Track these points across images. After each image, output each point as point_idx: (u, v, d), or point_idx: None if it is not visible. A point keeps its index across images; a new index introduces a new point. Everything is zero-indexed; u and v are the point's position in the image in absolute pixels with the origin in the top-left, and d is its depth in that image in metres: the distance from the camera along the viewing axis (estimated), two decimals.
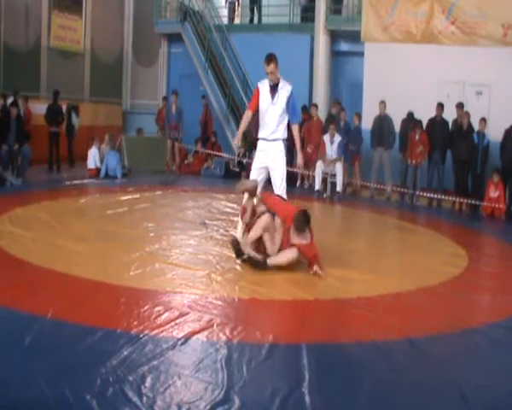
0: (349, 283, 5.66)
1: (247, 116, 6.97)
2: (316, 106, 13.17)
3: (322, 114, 13.48)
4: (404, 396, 3.42)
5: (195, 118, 14.88)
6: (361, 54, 13.69)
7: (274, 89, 6.67)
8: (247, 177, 12.99)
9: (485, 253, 8.08)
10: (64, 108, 13.59)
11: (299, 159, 7.06)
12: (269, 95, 6.68)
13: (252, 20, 16.83)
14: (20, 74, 13.99)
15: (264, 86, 6.75)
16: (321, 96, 14.29)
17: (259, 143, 6.87)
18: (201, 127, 15.02)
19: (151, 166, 13.43)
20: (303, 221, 5.85)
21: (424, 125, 11.45)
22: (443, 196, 11.11)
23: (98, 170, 12.36)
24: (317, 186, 11.67)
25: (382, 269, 6.34)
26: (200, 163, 14.46)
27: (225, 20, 16.95)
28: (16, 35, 14.27)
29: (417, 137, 11.32)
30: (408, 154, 11.45)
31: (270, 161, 6.76)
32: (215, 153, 14.31)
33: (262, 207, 6.16)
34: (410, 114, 11.82)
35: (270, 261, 5.85)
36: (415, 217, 10.31)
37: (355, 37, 13.68)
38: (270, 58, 6.55)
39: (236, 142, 7.29)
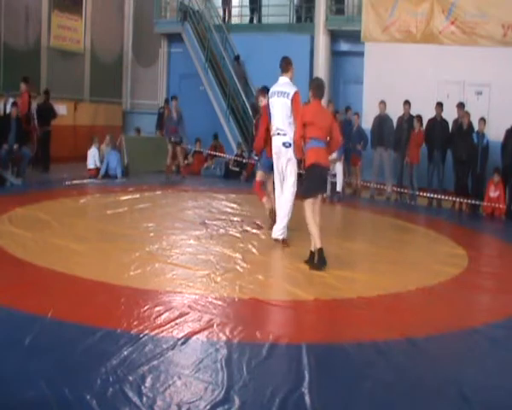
0: (349, 283, 5.66)
1: None
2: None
3: None
4: (404, 396, 3.42)
5: (195, 118, 14.87)
6: (361, 54, 13.68)
7: None
8: (247, 177, 13.17)
9: (485, 253, 8.08)
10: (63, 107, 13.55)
11: None
12: None
13: (252, 20, 16.82)
14: (20, 74, 13.95)
15: None
16: None
17: None
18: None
19: (151, 166, 13.41)
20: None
21: (424, 126, 11.44)
22: (443, 196, 11.10)
23: (98, 170, 12.34)
24: None
25: (382, 269, 6.33)
26: (200, 163, 14.46)
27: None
28: (16, 35, 14.26)
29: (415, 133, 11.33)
30: (406, 153, 11.43)
31: None
32: (215, 153, 14.30)
33: None
34: (407, 104, 11.63)
35: None
36: (415, 217, 10.30)
37: (355, 37, 13.68)
38: None
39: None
